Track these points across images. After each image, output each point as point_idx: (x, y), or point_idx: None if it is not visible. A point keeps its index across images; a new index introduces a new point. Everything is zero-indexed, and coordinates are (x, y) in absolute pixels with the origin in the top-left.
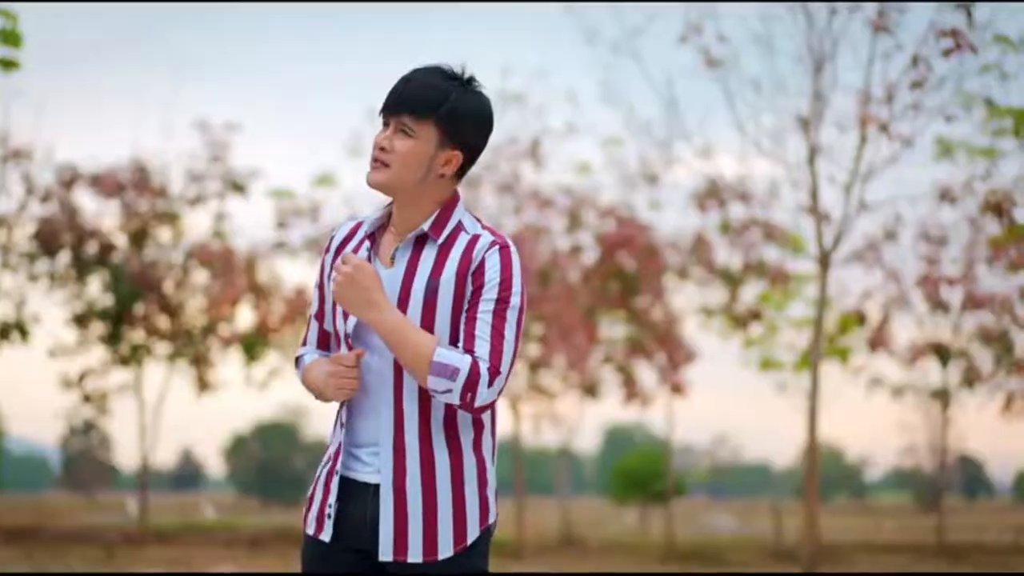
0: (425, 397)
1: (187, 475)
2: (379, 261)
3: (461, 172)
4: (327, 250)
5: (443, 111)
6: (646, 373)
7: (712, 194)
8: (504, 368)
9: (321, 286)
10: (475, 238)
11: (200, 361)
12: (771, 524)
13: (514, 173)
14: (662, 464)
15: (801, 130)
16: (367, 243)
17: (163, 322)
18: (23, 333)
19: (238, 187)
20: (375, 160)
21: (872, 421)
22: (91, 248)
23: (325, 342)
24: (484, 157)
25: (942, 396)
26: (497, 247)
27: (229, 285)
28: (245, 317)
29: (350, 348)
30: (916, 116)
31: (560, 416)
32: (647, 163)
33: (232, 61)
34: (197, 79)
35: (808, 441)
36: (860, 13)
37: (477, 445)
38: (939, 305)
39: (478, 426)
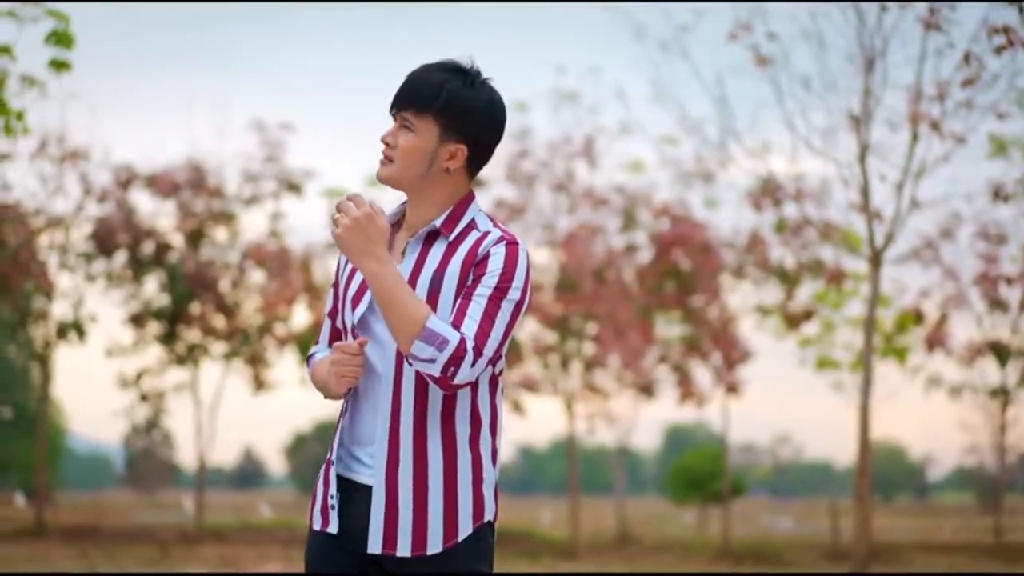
0: (422, 391)
1: (248, 474)
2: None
3: (474, 168)
4: None
5: (439, 105)
6: (702, 373)
7: (767, 192)
8: (488, 352)
9: (336, 284)
10: (484, 235)
11: (256, 361)
12: (830, 524)
13: (568, 172)
14: (721, 463)
15: (852, 128)
16: None
17: (219, 322)
18: (80, 333)
19: (293, 187)
20: (383, 155)
21: (935, 420)
22: (147, 248)
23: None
24: (538, 155)
25: (1001, 395)
26: (504, 242)
27: (285, 285)
28: (301, 317)
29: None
30: (968, 114)
31: (615, 415)
32: (702, 161)
33: (284, 59)
34: (249, 78)
35: (860, 440)
36: (911, 10)
37: (474, 441)
38: (997, 304)
39: (475, 422)
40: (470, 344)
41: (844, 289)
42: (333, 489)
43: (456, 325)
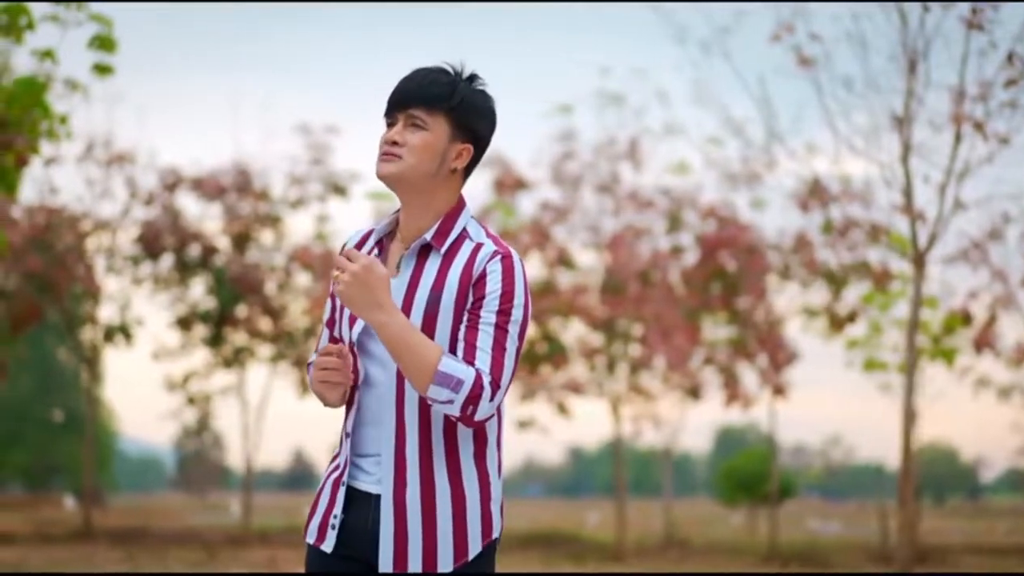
0: (426, 409)
1: (299, 476)
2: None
3: (469, 172)
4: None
5: (455, 103)
6: (748, 374)
7: (814, 194)
8: (504, 383)
9: (332, 295)
10: (478, 247)
11: (302, 363)
12: (879, 526)
13: (613, 173)
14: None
15: (895, 129)
16: (376, 251)
17: (265, 324)
18: (127, 336)
19: (339, 189)
20: (386, 154)
21: (987, 422)
22: (194, 251)
23: None
24: (583, 157)
25: None
26: (499, 257)
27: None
28: None
29: (354, 356)
30: (1012, 114)
31: (661, 417)
32: (748, 163)
33: (330, 62)
34: (295, 81)
35: (904, 442)
36: (954, 11)
37: (480, 458)
38: None
39: (480, 439)
40: (486, 380)
41: (892, 291)
42: (338, 510)
43: (469, 360)
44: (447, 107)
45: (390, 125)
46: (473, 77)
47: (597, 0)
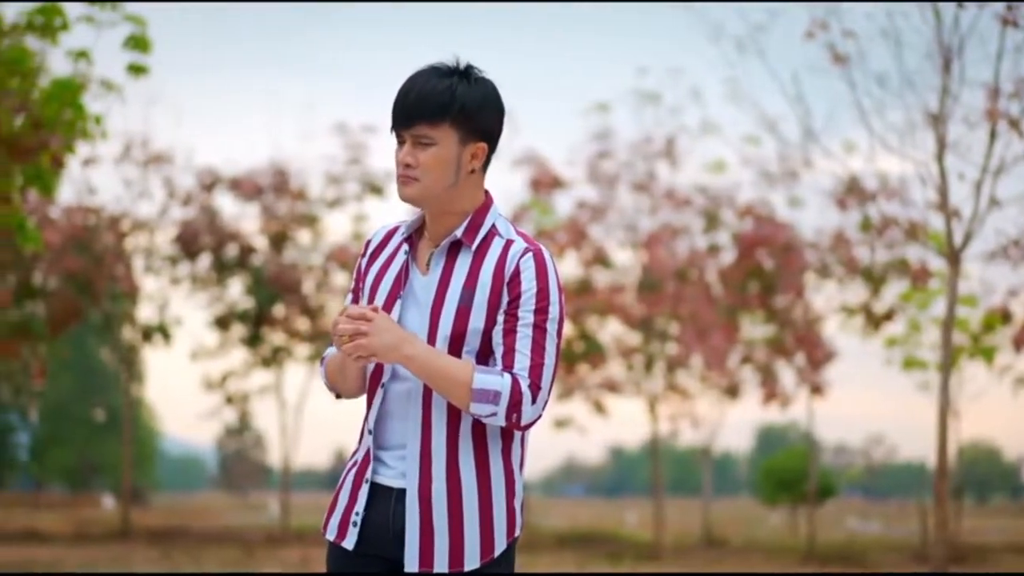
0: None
1: (340, 474)
2: (416, 267)
3: (487, 164)
4: (363, 254)
5: (456, 110)
6: (787, 373)
7: (853, 191)
8: (545, 383)
9: (355, 290)
10: (509, 244)
11: None
12: (919, 525)
13: (649, 172)
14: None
15: (930, 126)
16: (405, 246)
17: (303, 324)
18: (166, 336)
19: (376, 189)
20: (402, 176)
21: None
22: (231, 251)
23: None
24: (620, 156)
25: None
26: (531, 253)
27: None
28: None
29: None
30: None
31: (700, 416)
32: (786, 161)
33: (367, 61)
34: (332, 80)
35: (939, 440)
36: (989, 8)
37: (506, 453)
38: None
39: (507, 434)
40: (524, 384)
41: (930, 288)
42: (360, 507)
43: (508, 364)
44: (450, 117)
45: (400, 142)
46: (468, 71)
47: (633, 0)
